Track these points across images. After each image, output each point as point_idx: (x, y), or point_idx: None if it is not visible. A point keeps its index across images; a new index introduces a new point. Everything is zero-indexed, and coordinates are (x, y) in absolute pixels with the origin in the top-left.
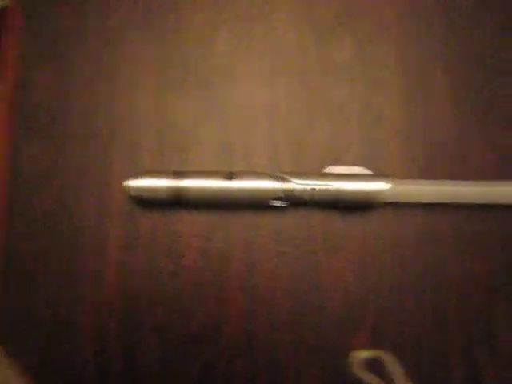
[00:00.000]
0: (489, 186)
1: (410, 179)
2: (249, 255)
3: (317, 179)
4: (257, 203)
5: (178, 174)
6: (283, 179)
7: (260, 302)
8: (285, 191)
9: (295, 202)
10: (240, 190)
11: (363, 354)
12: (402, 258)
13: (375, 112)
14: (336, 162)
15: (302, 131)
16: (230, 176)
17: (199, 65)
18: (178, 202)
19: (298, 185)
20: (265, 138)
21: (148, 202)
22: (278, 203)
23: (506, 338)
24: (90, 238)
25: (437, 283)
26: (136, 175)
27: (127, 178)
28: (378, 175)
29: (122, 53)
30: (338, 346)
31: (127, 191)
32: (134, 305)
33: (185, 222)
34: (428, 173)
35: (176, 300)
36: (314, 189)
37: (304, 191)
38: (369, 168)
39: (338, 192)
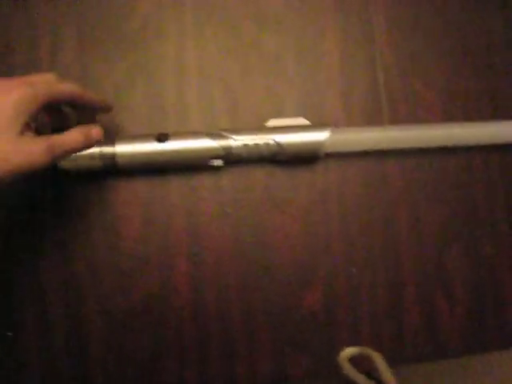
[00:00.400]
0: (433, 129)
1: (351, 127)
2: (191, 219)
3: (255, 134)
4: (195, 164)
5: (107, 141)
6: (221, 136)
7: (206, 268)
8: (224, 149)
9: (234, 159)
10: (175, 152)
11: (350, 351)
12: (350, 209)
13: (312, 61)
14: (275, 116)
15: (237, 86)
16: (162, 137)
17: (123, 26)
18: (111, 170)
19: (237, 141)
20: (199, 97)
21: (79, 172)
22: (217, 162)
23: (458, 281)
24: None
25: (387, 233)
26: None
27: None
28: (316, 125)
29: (44, 16)
30: (290, 307)
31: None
32: (74, 282)
33: (121, 190)
34: (371, 120)
35: (118, 273)
36: (254, 144)
37: (243, 147)
38: (309, 119)
39: (278, 146)
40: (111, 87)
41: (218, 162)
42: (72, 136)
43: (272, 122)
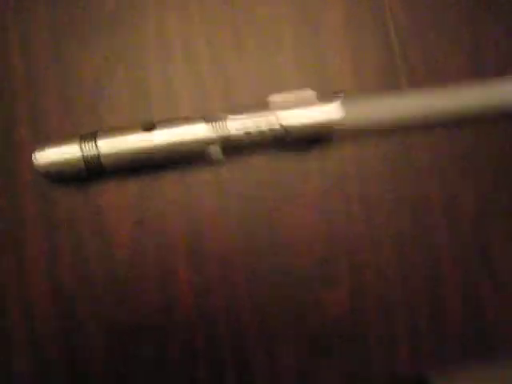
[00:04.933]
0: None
1: (364, 97)
2: (190, 219)
3: (257, 116)
4: (189, 156)
5: (88, 140)
6: (215, 121)
7: (210, 273)
8: (222, 137)
9: (234, 146)
10: (165, 143)
11: None
12: (372, 193)
13: (313, 25)
14: (276, 91)
15: (230, 62)
16: (149, 126)
17: (97, 9)
18: (96, 171)
19: (237, 127)
20: (186, 78)
21: (62, 178)
22: (214, 150)
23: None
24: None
25: (418, 216)
26: (41, 147)
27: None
28: (327, 99)
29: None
30: (310, 311)
31: (36, 168)
32: (65, 294)
33: (109, 193)
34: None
35: (112, 285)
36: (256, 128)
37: (244, 135)
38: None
39: (284, 129)
40: (89, 75)
41: (214, 151)
42: None
43: (273, 98)
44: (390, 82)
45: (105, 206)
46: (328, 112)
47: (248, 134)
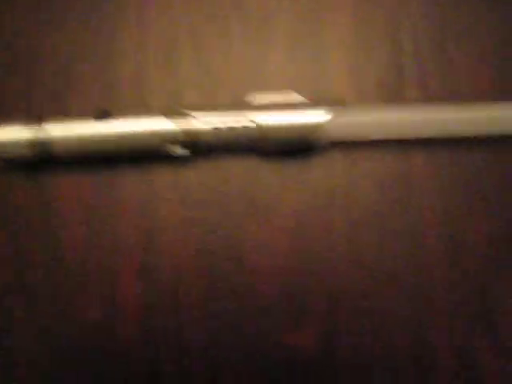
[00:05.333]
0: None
1: (362, 105)
2: (145, 225)
3: (229, 114)
4: (148, 151)
5: (34, 120)
6: (181, 115)
7: (163, 290)
8: (185, 133)
9: (202, 147)
10: (117, 134)
11: None
12: (361, 218)
13: (313, 22)
14: (260, 91)
15: (211, 54)
16: (102, 114)
17: None
18: (44, 156)
19: (204, 123)
20: (161, 67)
21: (7, 159)
22: (178, 150)
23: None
24: None
25: (413, 253)
26: None
27: None
28: (313, 103)
29: None
30: (274, 351)
31: None
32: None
33: (59, 185)
34: (390, 98)
35: (55, 295)
36: (228, 127)
37: (212, 131)
38: (304, 95)
39: (260, 130)
40: (52, 62)
41: (179, 151)
42: None
43: (253, 98)
44: (394, 96)
45: (50, 199)
46: (311, 116)
47: (216, 130)
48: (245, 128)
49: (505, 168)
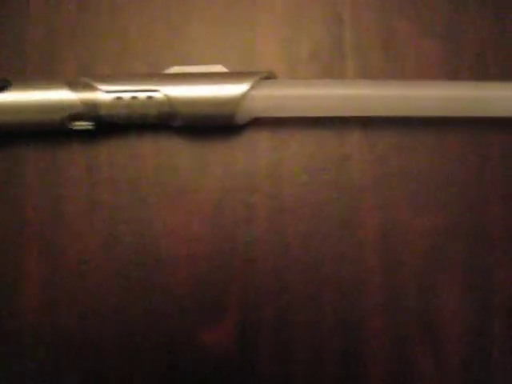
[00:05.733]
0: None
1: (291, 79)
2: (48, 207)
3: (135, 83)
4: (49, 125)
5: None
6: (83, 86)
7: (63, 278)
8: (85, 103)
9: (105, 119)
10: (19, 106)
11: None
12: (288, 206)
13: None
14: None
15: (128, 23)
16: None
17: None
18: None
19: (107, 93)
20: (73, 34)
21: None
22: (80, 124)
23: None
24: None
25: (347, 246)
26: None
27: None
28: (235, 74)
29: None
30: (185, 347)
31: None
32: None
33: None
34: (327, 73)
35: None
36: (131, 97)
37: (114, 101)
38: (231, 68)
39: (169, 102)
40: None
41: (82, 124)
42: None
43: (173, 70)
44: (331, 71)
45: None
46: (230, 88)
47: (118, 99)
48: (150, 99)
49: (448, 151)
